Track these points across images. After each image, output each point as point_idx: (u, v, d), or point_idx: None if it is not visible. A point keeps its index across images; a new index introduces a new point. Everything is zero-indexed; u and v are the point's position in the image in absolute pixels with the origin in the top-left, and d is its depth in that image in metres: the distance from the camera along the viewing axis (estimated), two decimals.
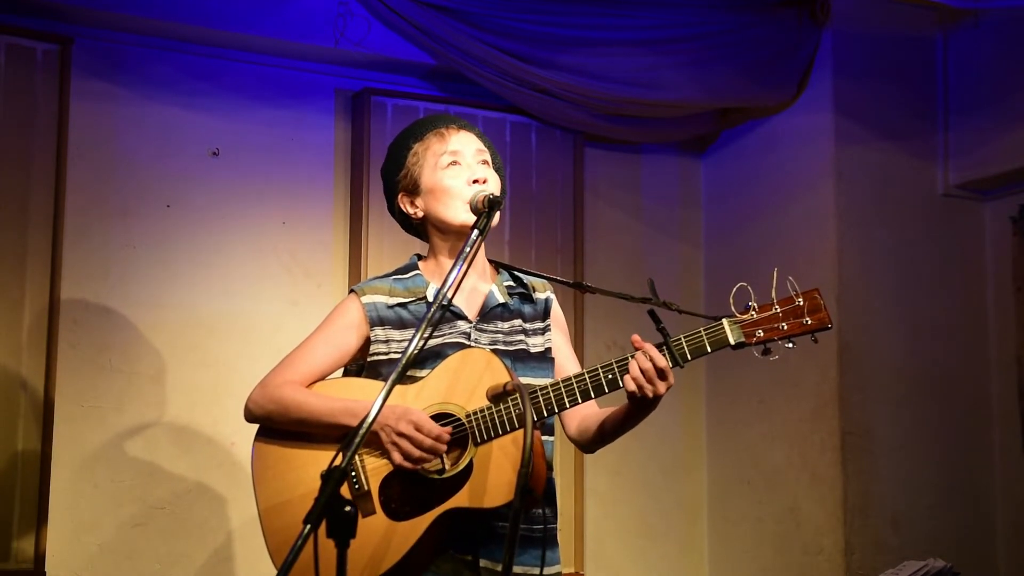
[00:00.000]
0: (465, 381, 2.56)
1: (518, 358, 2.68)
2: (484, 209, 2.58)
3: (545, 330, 2.77)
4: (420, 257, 2.83)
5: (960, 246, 4.78)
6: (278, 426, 2.65)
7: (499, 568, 2.56)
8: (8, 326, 3.81)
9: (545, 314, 2.79)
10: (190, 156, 4.24)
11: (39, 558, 3.79)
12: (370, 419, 2.21)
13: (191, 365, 4.15)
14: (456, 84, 4.60)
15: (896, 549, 4.35)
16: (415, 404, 2.55)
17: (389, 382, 2.26)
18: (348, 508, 2.05)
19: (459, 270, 2.43)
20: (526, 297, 2.78)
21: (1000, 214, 4.75)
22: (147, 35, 4.16)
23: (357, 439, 2.18)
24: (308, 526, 2.02)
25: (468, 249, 2.48)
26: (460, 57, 4.36)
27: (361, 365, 2.75)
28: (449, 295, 2.42)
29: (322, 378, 2.70)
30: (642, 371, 2.49)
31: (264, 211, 4.34)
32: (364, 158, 4.37)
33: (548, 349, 2.75)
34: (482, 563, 2.58)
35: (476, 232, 2.52)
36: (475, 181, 2.67)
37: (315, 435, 2.61)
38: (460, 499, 2.50)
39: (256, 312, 4.26)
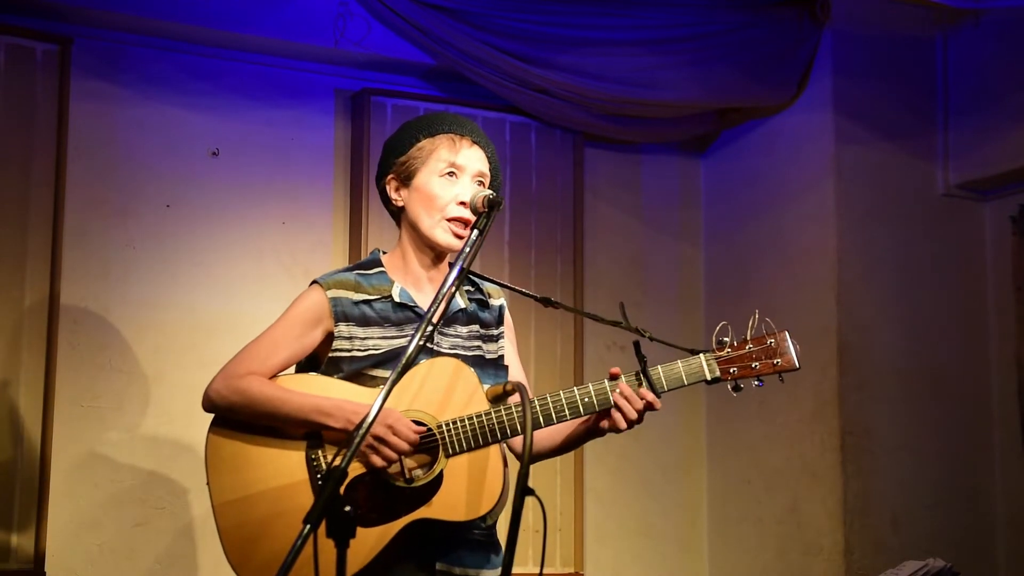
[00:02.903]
0: (436, 389, 2.56)
1: (476, 364, 2.68)
2: (484, 209, 2.57)
3: (499, 337, 2.78)
4: (382, 252, 2.81)
5: (960, 246, 4.78)
6: (240, 418, 2.61)
7: (455, 571, 2.59)
8: (8, 326, 3.81)
9: (499, 321, 2.80)
10: (190, 156, 4.24)
11: (39, 558, 3.79)
12: (368, 421, 2.20)
13: (191, 365, 4.14)
14: (456, 84, 4.60)
15: (896, 549, 4.35)
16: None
17: (387, 385, 2.25)
18: (347, 508, 2.04)
19: (458, 270, 2.43)
20: (483, 304, 2.78)
21: (1000, 214, 4.75)
22: (147, 35, 4.16)
23: (357, 439, 2.17)
24: (308, 526, 2.02)
25: (468, 249, 2.47)
26: (460, 57, 4.36)
27: (311, 357, 2.71)
28: (448, 296, 2.42)
29: (284, 370, 2.67)
30: (629, 402, 2.55)
31: (264, 211, 4.34)
32: (364, 158, 4.37)
33: (502, 356, 2.77)
34: (438, 566, 2.59)
35: (476, 232, 2.51)
36: (461, 203, 2.66)
37: (276, 430, 2.58)
38: (429, 510, 2.50)
39: (256, 312, 4.24)
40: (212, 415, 2.67)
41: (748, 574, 4.79)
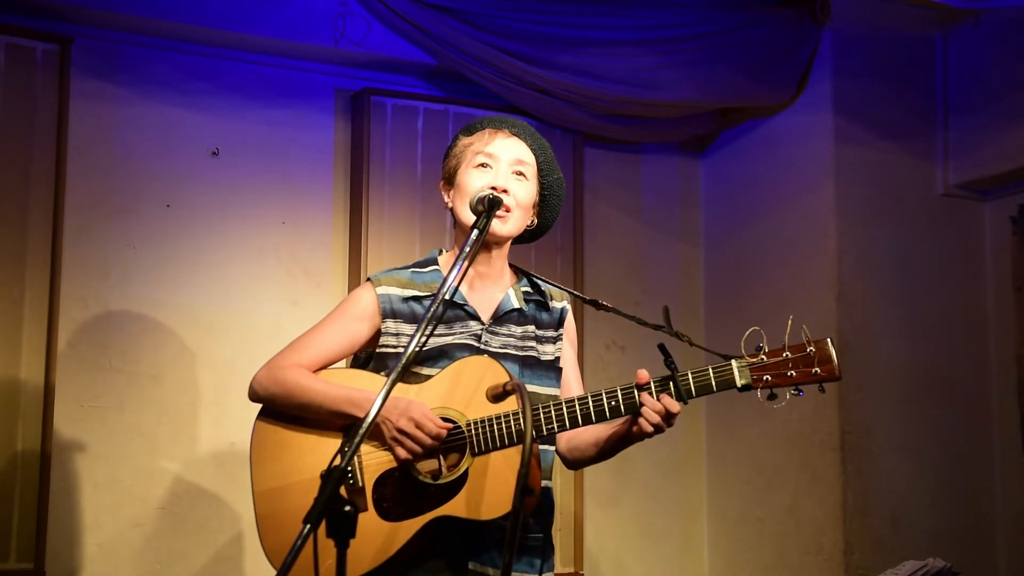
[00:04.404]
0: (468, 388, 2.56)
1: (527, 364, 2.68)
2: (483, 209, 2.57)
3: (557, 339, 2.77)
4: (442, 251, 2.83)
5: (960, 246, 4.78)
6: (280, 409, 2.65)
7: (488, 571, 2.58)
8: (8, 325, 3.81)
9: (559, 324, 2.79)
10: (190, 156, 4.24)
11: (39, 558, 3.79)
12: (370, 419, 2.20)
13: (191, 365, 4.15)
14: (456, 84, 4.60)
15: (896, 549, 4.35)
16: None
17: (389, 380, 2.26)
18: (348, 508, 2.04)
19: (459, 269, 2.43)
20: (542, 305, 2.77)
21: (1000, 214, 4.75)
22: (147, 35, 4.16)
23: (357, 439, 2.18)
24: (308, 526, 2.02)
25: (468, 248, 2.48)
26: (460, 57, 4.36)
27: (370, 354, 2.74)
28: (448, 294, 2.41)
29: (330, 364, 2.70)
30: (654, 411, 2.53)
31: (264, 211, 4.34)
32: (364, 158, 4.37)
33: (558, 359, 2.76)
34: (470, 565, 2.59)
35: (476, 232, 2.52)
36: (493, 188, 2.65)
37: (316, 422, 2.61)
38: (453, 507, 2.50)
39: (256, 312, 4.26)
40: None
41: (748, 574, 4.79)
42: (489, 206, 2.56)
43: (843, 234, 4.56)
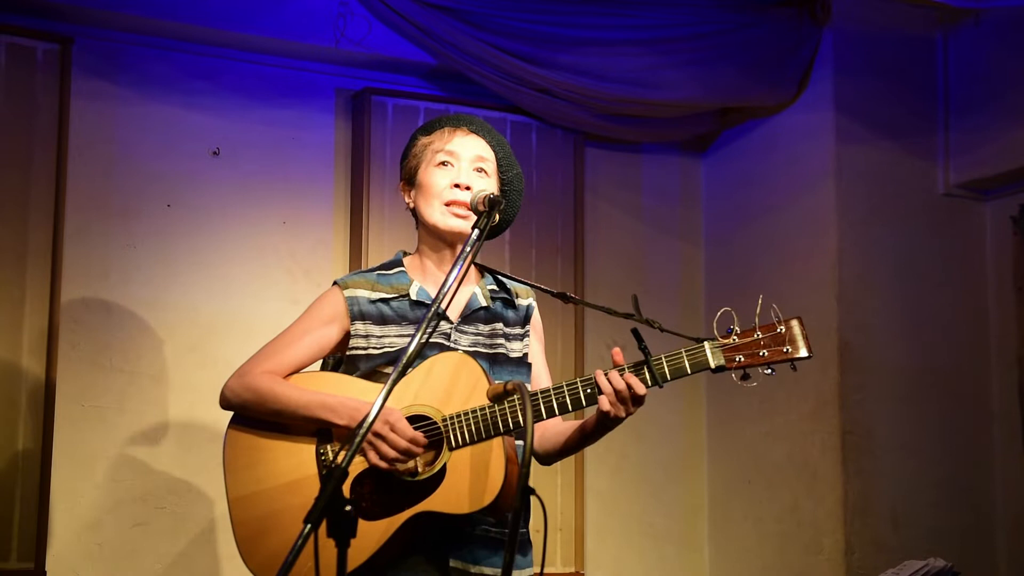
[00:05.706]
0: (442, 383, 2.56)
1: (496, 361, 2.69)
2: (484, 209, 2.56)
3: (524, 336, 2.78)
4: (406, 253, 2.84)
5: (960, 246, 4.78)
6: (253, 415, 2.65)
7: (470, 568, 2.58)
8: (8, 325, 3.81)
9: (526, 320, 2.80)
10: (190, 155, 4.24)
11: (39, 557, 3.79)
12: (370, 420, 2.20)
13: (191, 365, 4.15)
14: (457, 84, 4.60)
15: (896, 549, 4.35)
16: (391, 403, 2.54)
17: (389, 383, 2.25)
18: (348, 508, 2.04)
19: (459, 270, 2.42)
20: (508, 302, 2.79)
21: (1000, 214, 4.75)
22: (147, 35, 4.17)
23: (358, 438, 2.17)
24: (308, 526, 2.02)
25: (468, 249, 2.47)
26: (461, 57, 4.36)
27: (338, 358, 2.75)
28: (449, 295, 2.41)
29: (300, 369, 2.70)
30: (616, 392, 2.50)
31: (264, 211, 4.34)
32: (364, 157, 4.37)
33: (526, 355, 2.77)
34: (451, 563, 2.59)
35: (476, 232, 2.51)
36: (456, 186, 2.67)
37: (289, 427, 2.61)
38: (432, 503, 2.50)
39: (256, 312, 4.26)
40: (217, 415, 2.68)
41: (748, 574, 4.79)
42: (490, 205, 2.56)
43: (843, 234, 4.55)
